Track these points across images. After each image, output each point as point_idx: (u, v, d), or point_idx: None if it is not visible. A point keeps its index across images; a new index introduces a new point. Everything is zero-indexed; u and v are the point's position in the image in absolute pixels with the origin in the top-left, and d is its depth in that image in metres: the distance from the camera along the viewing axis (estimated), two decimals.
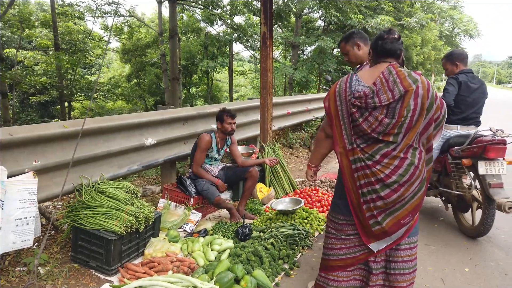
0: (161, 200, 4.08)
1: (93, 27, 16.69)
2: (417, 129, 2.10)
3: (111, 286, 2.63)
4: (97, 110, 16.44)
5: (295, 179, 5.64)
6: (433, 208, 4.69)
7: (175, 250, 3.25)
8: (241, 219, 4.00)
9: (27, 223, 2.61)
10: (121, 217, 2.96)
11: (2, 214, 2.44)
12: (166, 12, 13.51)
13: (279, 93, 25.57)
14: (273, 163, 4.43)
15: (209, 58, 18.70)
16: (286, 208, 4.09)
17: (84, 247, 3.01)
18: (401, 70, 2.11)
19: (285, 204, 4.21)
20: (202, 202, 4.14)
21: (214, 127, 4.60)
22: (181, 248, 3.34)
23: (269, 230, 3.68)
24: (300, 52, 20.25)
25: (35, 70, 15.76)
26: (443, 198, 4.24)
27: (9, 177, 2.56)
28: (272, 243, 3.42)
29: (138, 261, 3.15)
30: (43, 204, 3.95)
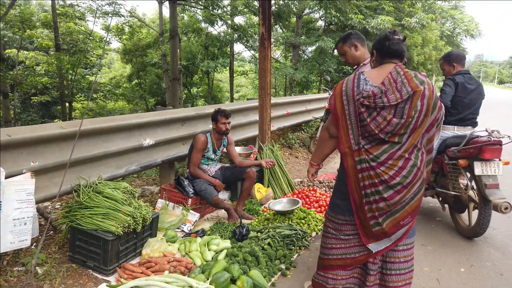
0: (159, 200, 4.10)
1: (93, 28, 16.65)
2: (422, 130, 2.14)
3: (107, 286, 2.65)
4: (97, 111, 16.47)
5: (294, 180, 5.66)
6: (430, 209, 4.70)
7: (172, 250, 3.26)
8: (239, 219, 4.02)
9: (25, 223, 2.63)
10: (119, 217, 2.98)
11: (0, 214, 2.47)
12: (167, 13, 13.55)
13: (280, 93, 25.60)
14: (269, 165, 4.46)
15: (209, 58, 18.73)
16: (283, 209, 4.11)
17: (81, 247, 3.03)
18: (407, 71, 2.14)
19: (283, 205, 4.23)
20: (200, 202, 4.16)
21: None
22: (178, 248, 3.36)
23: (266, 231, 3.69)
24: (300, 52, 20.27)
25: (36, 71, 15.80)
26: (440, 198, 4.26)
27: (7, 177, 2.59)
28: (269, 243, 3.43)
29: (135, 261, 3.17)
30: (42, 204, 3.97)
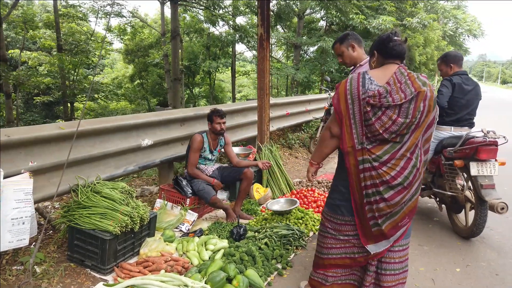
0: (158, 200, 4.13)
1: (95, 28, 16.72)
2: (422, 130, 2.17)
3: (104, 285, 2.68)
4: (99, 111, 16.54)
5: (293, 180, 5.69)
6: (428, 209, 4.71)
7: (170, 249, 3.29)
8: (237, 219, 4.05)
9: (23, 223, 2.66)
10: (116, 217, 3.01)
11: None
12: (169, 13, 13.60)
13: (282, 93, 25.61)
14: (266, 167, 4.50)
15: (211, 59, 18.76)
16: (281, 209, 4.13)
17: (80, 246, 3.06)
18: (410, 72, 2.18)
19: (281, 205, 4.25)
20: (199, 202, 4.19)
21: None
22: (176, 248, 3.39)
23: (263, 230, 3.71)
24: (302, 52, 20.27)
25: (39, 71, 15.87)
26: (437, 199, 4.27)
27: (5, 177, 2.62)
28: (266, 243, 3.46)
29: (133, 260, 3.20)
30: (42, 204, 4.01)
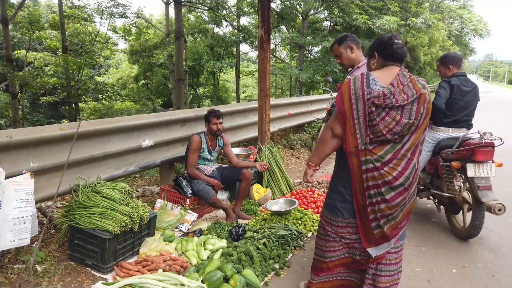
0: (158, 200, 4.18)
1: (100, 28, 16.83)
2: (421, 131, 2.21)
3: (103, 283, 2.73)
4: (103, 111, 16.64)
5: (294, 180, 5.72)
6: (427, 210, 4.72)
7: (169, 249, 3.34)
8: (236, 219, 4.09)
9: (24, 222, 2.71)
10: (116, 217, 3.05)
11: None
12: (174, 13, 13.68)
13: (286, 93, 25.62)
14: (263, 169, 4.54)
15: (215, 59, 18.82)
16: (280, 209, 4.16)
17: (80, 245, 3.11)
18: (411, 75, 2.21)
19: (280, 205, 4.28)
20: (199, 202, 4.23)
21: None
22: (175, 248, 3.43)
23: (262, 231, 3.75)
24: (307, 52, 20.29)
25: (45, 71, 16.03)
26: (435, 200, 4.29)
27: (7, 178, 2.67)
28: (264, 243, 3.49)
29: (133, 259, 3.24)
30: (45, 203, 4.07)
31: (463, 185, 3.72)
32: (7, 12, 11.16)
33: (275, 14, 12.57)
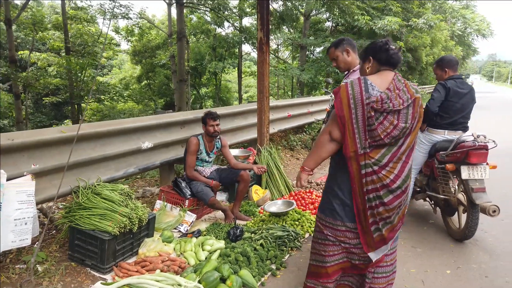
0: (158, 201, 4.24)
1: (103, 29, 16.87)
2: (415, 134, 2.25)
3: (102, 283, 2.79)
4: (105, 112, 16.73)
5: (294, 181, 5.75)
6: (424, 211, 4.75)
7: (168, 250, 3.39)
8: (234, 220, 4.14)
9: (25, 223, 2.77)
10: (115, 218, 3.11)
11: (0, 214, 2.61)
12: (176, 14, 13.75)
13: (288, 94, 25.65)
14: (261, 172, 4.58)
15: (217, 60, 18.89)
16: (278, 210, 4.21)
17: (80, 246, 3.16)
18: (405, 79, 2.26)
19: (278, 206, 4.33)
20: (197, 203, 4.28)
21: None
22: (174, 248, 3.48)
23: (259, 232, 3.80)
24: (309, 53, 20.32)
25: (48, 72, 16.14)
26: (432, 201, 4.33)
27: (8, 179, 2.73)
28: (261, 244, 3.54)
29: (132, 260, 3.30)
30: (46, 204, 4.14)
31: (457, 187, 3.76)
32: (10, 13, 11.26)
33: (276, 15, 12.62)
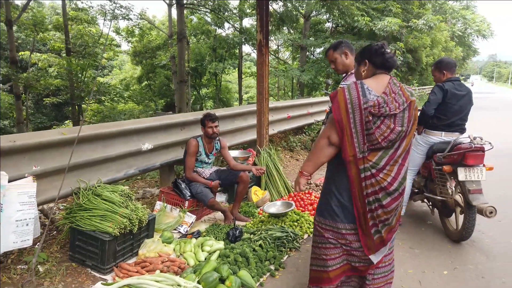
0: (158, 202, 4.27)
1: (103, 30, 16.91)
2: (411, 136, 2.28)
3: (102, 283, 2.82)
4: (106, 113, 16.77)
5: (293, 182, 5.79)
6: (422, 212, 4.78)
7: (168, 250, 3.42)
8: (234, 221, 4.17)
9: (27, 224, 2.81)
10: (115, 219, 3.14)
11: (1, 215, 2.65)
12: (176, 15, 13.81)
13: (288, 94, 25.68)
14: (259, 173, 4.63)
15: (217, 60, 18.93)
16: (277, 211, 4.24)
17: (81, 247, 3.20)
18: (400, 82, 2.29)
19: (277, 207, 4.36)
20: (197, 204, 4.32)
21: None
22: (174, 249, 3.52)
23: (259, 232, 3.83)
24: (309, 53, 20.35)
25: (49, 72, 16.19)
26: (429, 202, 4.36)
27: (10, 181, 2.77)
28: (260, 245, 3.57)
29: (132, 260, 3.33)
30: (47, 206, 4.17)
31: (455, 188, 3.79)
32: (11, 13, 11.30)
33: (276, 16, 12.66)
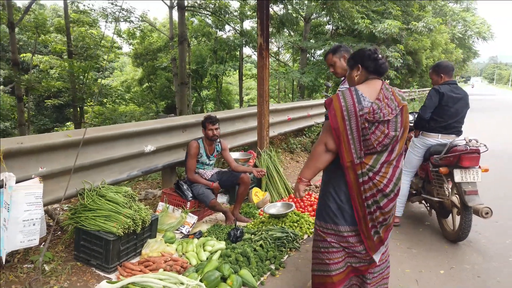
0: (160, 203, 4.35)
1: (104, 32, 17.03)
2: (404, 139, 2.34)
3: (107, 282, 2.89)
4: (107, 115, 16.85)
5: (293, 184, 5.86)
6: (420, 213, 4.85)
7: (170, 250, 3.50)
8: (235, 221, 4.25)
9: (33, 224, 2.88)
10: (120, 219, 3.22)
11: (9, 215, 2.73)
12: (178, 17, 13.89)
13: (289, 96, 25.75)
14: (260, 175, 4.70)
15: (218, 62, 19.01)
16: (277, 212, 4.31)
17: (85, 246, 3.28)
18: (391, 87, 2.35)
19: (277, 208, 4.44)
20: (199, 205, 4.39)
21: None
22: (176, 249, 3.59)
23: (259, 233, 3.90)
24: (309, 55, 20.42)
25: (50, 74, 16.27)
26: (427, 204, 4.43)
27: (17, 182, 2.84)
28: (261, 245, 3.64)
29: (135, 260, 3.40)
30: (51, 206, 4.24)
31: (451, 189, 3.87)
32: (13, 16, 11.38)
33: (277, 18, 12.75)
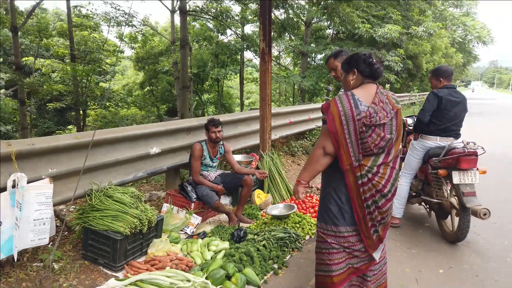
0: (165, 204, 4.43)
1: (108, 36, 17.14)
2: (400, 141, 2.42)
3: (115, 279, 2.97)
4: (110, 118, 16.94)
5: None
6: (420, 215, 4.93)
7: (175, 250, 3.58)
8: (238, 222, 4.33)
9: (44, 223, 2.97)
10: (126, 219, 3.30)
11: (21, 214, 2.81)
12: (179, 21, 14.00)
13: (290, 100, 25.86)
14: (262, 177, 4.79)
15: (219, 66, 19.12)
16: (280, 213, 4.40)
17: (93, 245, 3.36)
18: (385, 90, 2.43)
19: (279, 210, 4.52)
20: (203, 206, 4.47)
21: None
22: (181, 249, 3.67)
23: (262, 233, 3.98)
24: (310, 59, 20.54)
25: (52, 78, 16.38)
26: (427, 205, 4.51)
27: (28, 182, 2.93)
28: (264, 245, 3.71)
29: (141, 259, 3.48)
30: (58, 207, 4.33)
31: (450, 191, 3.95)
32: (16, 20, 11.50)
33: (278, 23, 12.88)
